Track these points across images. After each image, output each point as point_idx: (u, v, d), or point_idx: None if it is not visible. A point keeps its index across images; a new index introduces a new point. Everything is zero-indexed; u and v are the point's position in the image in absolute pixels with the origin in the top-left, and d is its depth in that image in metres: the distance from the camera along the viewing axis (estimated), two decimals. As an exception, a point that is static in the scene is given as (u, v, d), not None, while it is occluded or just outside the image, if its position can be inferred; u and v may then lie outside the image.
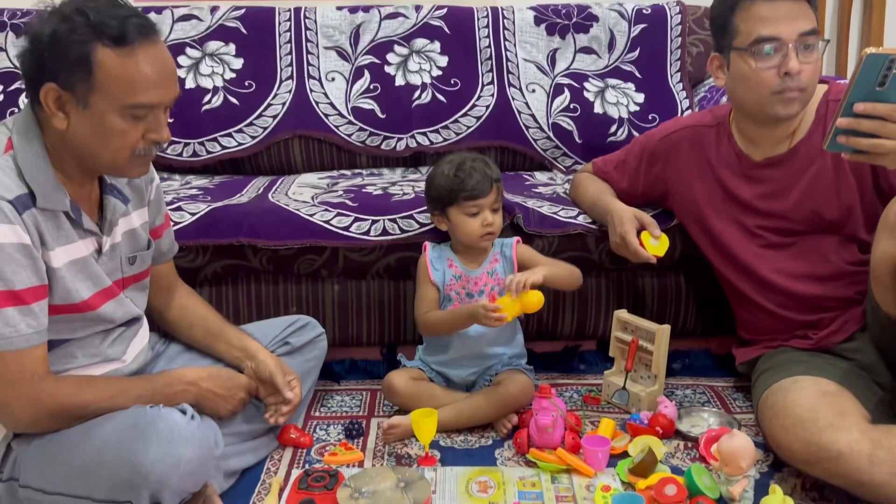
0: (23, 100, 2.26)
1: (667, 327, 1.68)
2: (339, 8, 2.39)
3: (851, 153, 1.23)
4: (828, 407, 1.32)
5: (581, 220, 1.82)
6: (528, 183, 2.14)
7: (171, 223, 1.52)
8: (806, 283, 1.56)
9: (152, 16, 2.33)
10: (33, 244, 1.15)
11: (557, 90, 2.34)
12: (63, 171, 1.21)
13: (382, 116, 2.30)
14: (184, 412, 1.19)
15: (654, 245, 1.66)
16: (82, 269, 1.25)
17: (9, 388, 1.17)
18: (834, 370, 1.46)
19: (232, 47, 2.32)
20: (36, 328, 1.17)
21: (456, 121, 2.31)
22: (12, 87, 2.28)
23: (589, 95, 2.33)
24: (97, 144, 1.17)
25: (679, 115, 2.31)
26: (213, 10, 2.35)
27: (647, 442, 1.52)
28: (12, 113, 2.24)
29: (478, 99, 2.33)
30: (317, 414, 1.73)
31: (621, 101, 2.33)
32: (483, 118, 2.31)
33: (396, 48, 2.35)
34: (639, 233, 1.67)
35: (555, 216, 1.82)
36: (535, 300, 1.54)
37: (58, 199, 1.19)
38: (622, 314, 1.76)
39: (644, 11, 2.41)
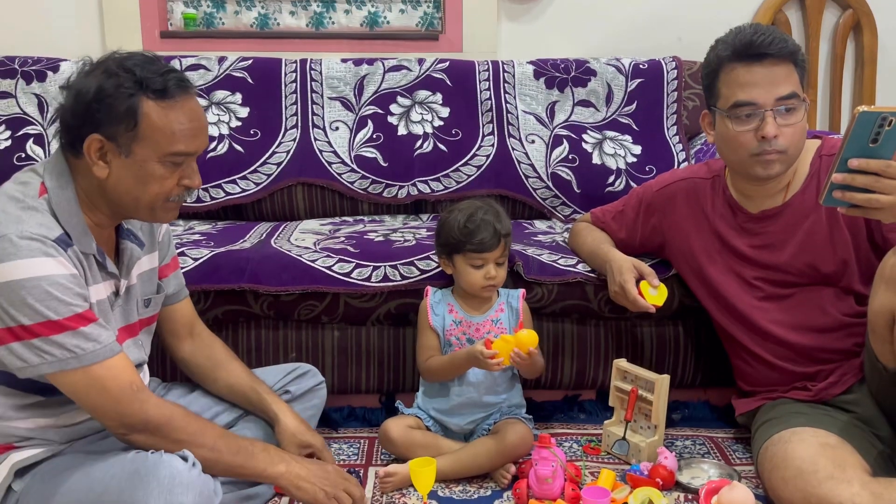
0: (30, 146, 2.30)
1: (666, 377, 1.68)
2: (345, 60, 2.45)
3: (847, 207, 1.25)
4: (828, 459, 1.32)
5: (580, 268, 1.83)
6: (527, 231, 2.17)
7: (179, 267, 1.55)
8: (804, 335, 1.57)
9: (161, 65, 2.39)
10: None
11: (556, 141, 2.39)
12: (91, 215, 1.26)
13: (385, 165, 2.34)
14: (185, 459, 1.19)
15: (653, 294, 1.68)
16: (104, 311, 1.28)
17: (112, 399, 1.19)
18: (834, 422, 1.46)
19: (238, 96, 2.37)
20: (113, 338, 1.22)
21: (457, 169, 2.35)
22: (20, 132, 2.32)
23: (587, 147, 2.38)
24: (137, 190, 1.24)
25: (675, 167, 2.35)
26: (221, 60, 2.41)
27: (648, 494, 1.50)
28: (20, 158, 2.28)
29: (478, 149, 2.38)
30: (314, 462, 1.71)
31: (619, 152, 2.38)
32: (483, 167, 2.35)
33: (399, 99, 2.40)
34: (637, 282, 1.69)
35: (554, 264, 1.84)
36: (530, 339, 1.55)
37: (87, 242, 1.24)
38: (622, 363, 1.76)
39: (641, 66, 2.48)
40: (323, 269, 1.79)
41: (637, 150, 2.39)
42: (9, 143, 2.30)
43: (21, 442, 1.25)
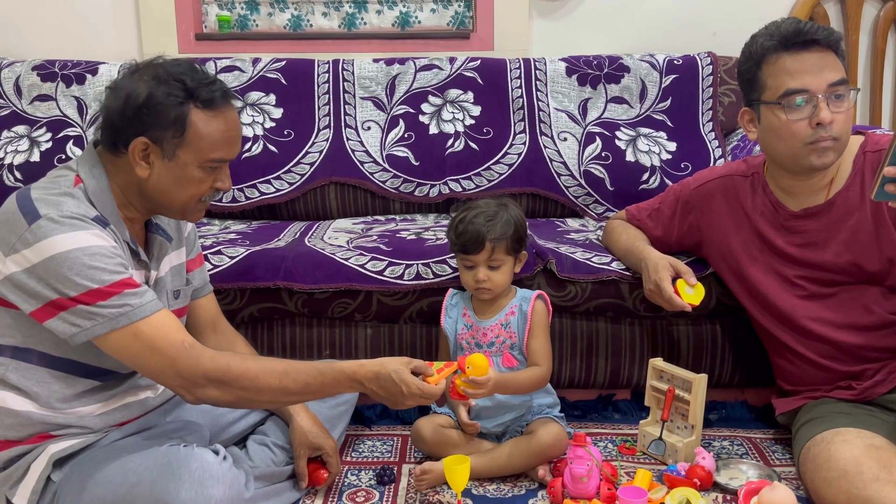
0: (70, 147, 2.35)
1: (704, 376, 1.65)
2: (376, 60, 2.46)
3: None
4: (873, 460, 1.29)
5: (615, 266, 1.82)
6: (559, 229, 2.15)
7: (204, 263, 1.58)
8: (848, 333, 1.53)
9: (196, 67, 2.43)
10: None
11: (589, 138, 2.37)
12: (123, 209, 1.31)
13: (416, 164, 2.34)
14: (216, 452, 1.20)
15: (690, 293, 1.65)
16: None
17: (162, 357, 1.20)
18: (879, 423, 1.42)
19: (272, 97, 2.39)
20: (156, 297, 1.24)
21: (488, 168, 2.35)
22: (60, 135, 2.37)
23: (620, 144, 2.35)
24: (175, 191, 1.29)
25: (712, 163, 2.32)
26: (255, 61, 2.44)
27: (685, 494, 1.48)
28: (60, 160, 2.33)
29: (510, 147, 2.37)
30: (348, 459, 1.72)
31: (653, 149, 2.35)
32: (515, 166, 2.34)
33: (431, 98, 2.40)
34: (674, 280, 1.66)
35: (588, 262, 1.82)
36: (479, 363, 1.47)
37: (121, 229, 1.29)
38: (658, 363, 1.74)
39: (675, 62, 2.45)
40: (356, 268, 1.80)
41: (672, 146, 2.36)
42: (49, 144, 2.35)
43: (58, 430, 1.28)
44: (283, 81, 2.40)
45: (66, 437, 1.28)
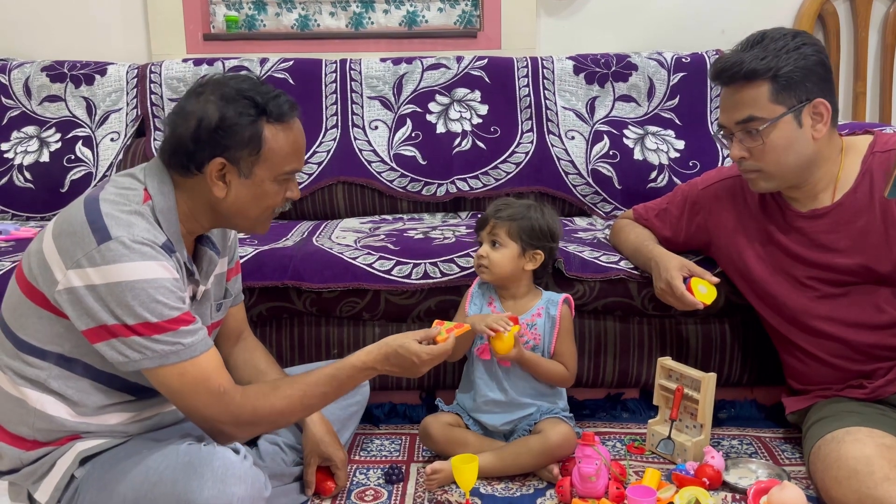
0: (80, 147, 2.36)
1: (713, 375, 1.65)
2: (383, 60, 2.46)
3: None
4: (884, 459, 1.28)
5: (623, 265, 1.81)
6: (567, 228, 2.15)
7: (240, 272, 1.58)
8: (860, 332, 1.52)
9: (204, 67, 2.44)
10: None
11: (597, 137, 2.36)
12: (185, 225, 1.30)
13: (423, 163, 2.34)
14: (237, 451, 1.21)
15: (703, 292, 1.64)
16: None
17: (197, 400, 1.23)
18: (890, 422, 1.41)
19: (279, 97, 2.39)
20: (206, 334, 1.25)
21: (496, 167, 2.34)
22: (70, 135, 2.39)
23: (628, 142, 2.35)
24: (250, 206, 1.30)
25: (720, 162, 2.31)
26: (263, 62, 2.44)
27: (694, 493, 1.48)
28: (70, 160, 2.35)
29: (517, 146, 2.36)
30: (357, 458, 1.72)
31: (661, 147, 2.34)
32: (522, 164, 2.34)
33: (438, 97, 2.40)
34: (686, 279, 1.65)
35: (596, 261, 1.82)
36: (503, 343, 1.55)
37: (181, 250, 1.29)
38: (666, 361, 1.73)
39: (683, 60, 2.44)
40: (364, 267, 1.80)
41: (680, 145, 2.36)
42: (59, 145, 2.37)
43: (87, 433, 1.28)
44: (291, 81, 2.41)
45: (94, 437, 1.28)
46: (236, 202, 1.28)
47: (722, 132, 1.55)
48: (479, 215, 1.73)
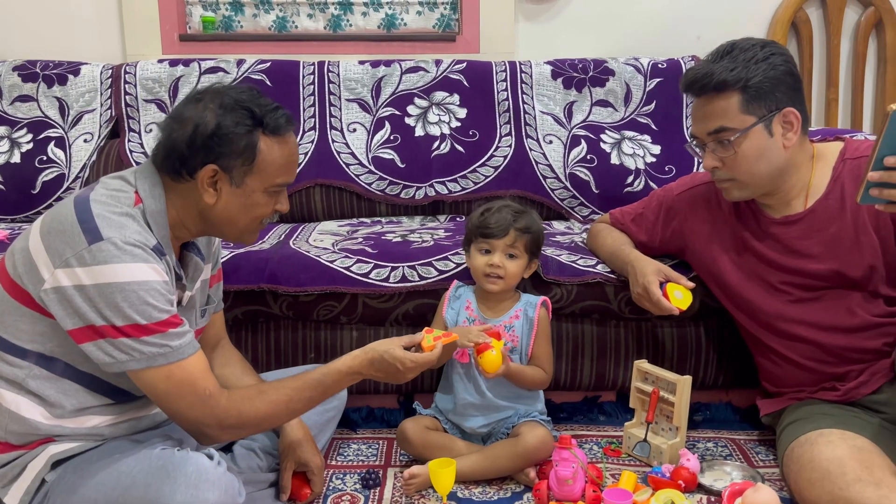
0: (52, 148, 2.33)
1: (688, 378, 1.66)
2: (362, 62, 2.46)
3: (885, 205, 1.25)
4: (856, 461, 1.30)
5: (600, 268, 1.82)
6: (545, 232, 2.14)
7: (222, 279, 1.57)
8: (833, 335, 1.54)
9: (180, 68, 2.41)
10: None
11: (574, 141, 2.38)
12: (175, 230, 1.30)
13: (402, 166, 2.34)
14: (210, 457, 1.20)
15: (679, 298, 1.65)
16: None
17: (183, 402, 1.23)
18: (863, 424, 1.43)
19: (256, 99, 2.37)
20: (193, 337, 1.25)
21: (474, 170, 2.35)
22: (42, 136, 2.35)
23: (605, 147, 2.36)
24: (239, 216, 1.31)
25: (696, 167, 2.33)
26: (240, 63, 2.42)
27: (670, 496, 1.49)
28: (41, 161, 2.31)
29: (496, 149, 2.37)
30: (333, 463, 1.71)
31: (638, 152, 2.36)
32: (501, 168, 2.34)
33: (416, 100, 2.40)
34: (662, 284, 1.67)
35: (573, 264, 1.83)
36: (492, 361, 1.52)
37: (171, 255, 1.28)
38: (643, 364, 1.74)
39: (660, 66, 2.46)
40: (341, 270, 1.79)
41: (656, 150, 2.38)
42: (31, 145, 2.33)
43: (61, 436, 1.26)
44: (268, 83, 2.39)
45: (68, 441, 1.26)
46: (225, 210, 1.29)
47: (695, 142, 1.56)
48: (483, 220, 1.64)
